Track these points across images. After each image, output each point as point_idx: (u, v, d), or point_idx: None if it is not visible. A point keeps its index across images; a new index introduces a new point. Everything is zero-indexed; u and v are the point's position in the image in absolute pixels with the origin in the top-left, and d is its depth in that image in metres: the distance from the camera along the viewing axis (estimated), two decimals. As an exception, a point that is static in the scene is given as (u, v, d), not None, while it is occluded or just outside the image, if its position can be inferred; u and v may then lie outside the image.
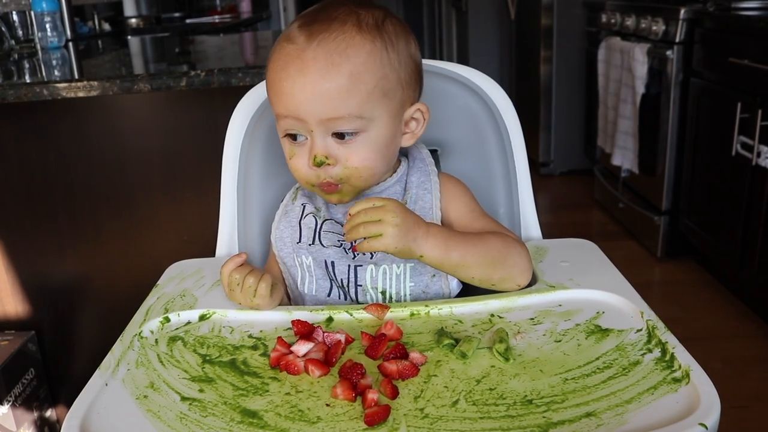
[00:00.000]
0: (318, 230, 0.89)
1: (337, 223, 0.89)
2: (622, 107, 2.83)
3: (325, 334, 0.74)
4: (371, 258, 0.86)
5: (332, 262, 0.87)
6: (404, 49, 0.83)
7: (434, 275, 0.87)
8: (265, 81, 0.86)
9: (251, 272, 0.81)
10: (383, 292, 0.86)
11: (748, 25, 2.16)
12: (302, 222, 0.91)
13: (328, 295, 0.88)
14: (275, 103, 0.82)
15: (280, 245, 0.92)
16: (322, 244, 0.88)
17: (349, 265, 0.87)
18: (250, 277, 0.80)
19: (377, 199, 0.79)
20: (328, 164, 0.81)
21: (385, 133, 0.83)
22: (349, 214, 0.78)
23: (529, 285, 0.84)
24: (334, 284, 0.88)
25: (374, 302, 0.85)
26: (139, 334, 0.78)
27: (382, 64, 0.80)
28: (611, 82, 2.97)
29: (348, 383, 0.65)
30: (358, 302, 0.87)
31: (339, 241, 0.88)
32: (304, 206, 0.92)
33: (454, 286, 0.88)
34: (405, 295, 0.86)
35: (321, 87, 0.78)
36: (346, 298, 0.88)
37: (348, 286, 0.87)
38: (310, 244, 0.89)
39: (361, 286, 0.87)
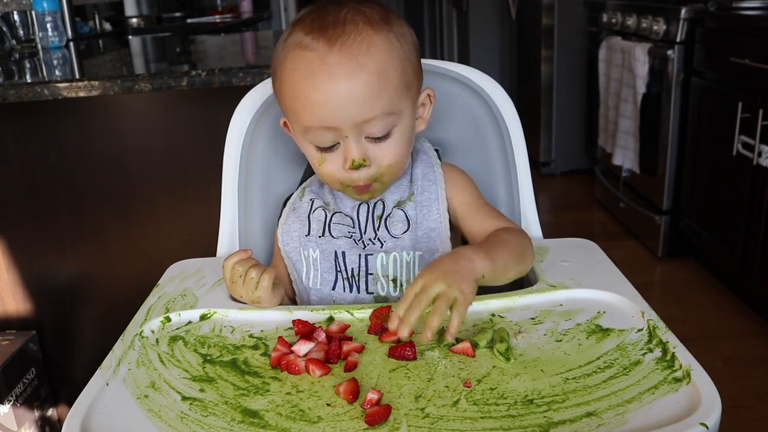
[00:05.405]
0: (328, 222, 0.90)
1: (347, 215, 0.90)
2: (623, 107, 2.83)
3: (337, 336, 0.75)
4: (381, 247, 0.87)
5: (343, 252, 0.88)
6: (410, 38, 0.83)
7: None
8: (274, 90, 0.84)
9: (254, 266, 0.81)
10: (394, 280, 0.87)
11: (749, 25, 2.16)
12: (311, 216, 0.92)
13: (333, 288, 0.89)
14: (302, 115, 0.80)
15: (287, 239, 0.92)
16: (332, 236, 0.89)
17: (359, 254, 0.88)
18: (253, 270, 0.81)
19: (410, 290, 0.70)
20: (365, 166, 0.81)
21: (411, 123, 0.84)
22: (399, 317, 0.68)
23: (530, 284, 0.84)
24: (339, 276, 0.89)
25: (384, 292, 0.86)
26: (140, 333, 0.79)
27: (400, 58, 0.80)
28: (612, 81, 2.96)
29: (353, 384, 0.65)
30: (367, 292, 0.88)
31: (349, 232, 0.89)
32: (313, 201, 0.93)
33: None
34: None
35: (353, 90, 0.76)
36: (351, 290, 0.88)
37: (358, 275, 0.88)
38: (320, 236, 0.90)
39: (371, 274, 0.87)
